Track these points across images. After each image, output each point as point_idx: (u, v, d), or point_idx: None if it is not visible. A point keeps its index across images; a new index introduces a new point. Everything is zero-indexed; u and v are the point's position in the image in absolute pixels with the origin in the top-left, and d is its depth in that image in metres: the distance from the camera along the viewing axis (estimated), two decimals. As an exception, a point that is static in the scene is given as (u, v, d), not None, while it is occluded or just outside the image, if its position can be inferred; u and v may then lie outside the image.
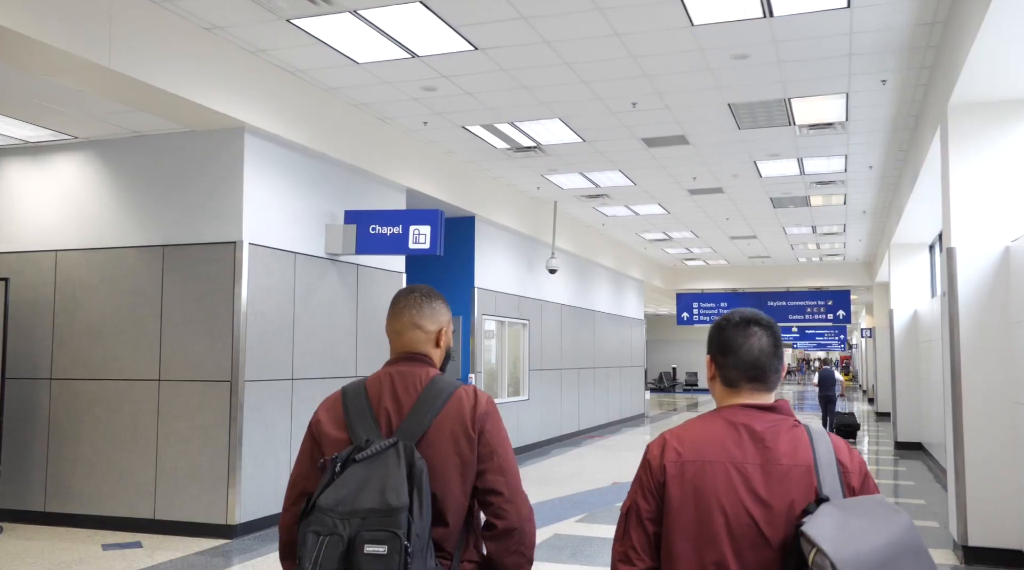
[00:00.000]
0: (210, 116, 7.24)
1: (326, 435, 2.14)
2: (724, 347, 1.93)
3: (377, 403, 2.13)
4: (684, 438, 1.88)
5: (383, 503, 1.87)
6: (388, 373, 2.20)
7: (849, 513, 1.69)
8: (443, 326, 2.31)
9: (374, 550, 1.83)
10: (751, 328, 1.92)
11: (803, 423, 1.87)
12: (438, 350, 2.30)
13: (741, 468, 1.80)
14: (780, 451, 1.81)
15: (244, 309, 7.49)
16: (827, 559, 1.57)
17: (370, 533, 1.84)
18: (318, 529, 1.88)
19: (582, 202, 14.44)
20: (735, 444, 1.83)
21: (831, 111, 9.14)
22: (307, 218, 8.47)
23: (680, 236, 18.40)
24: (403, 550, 1.83)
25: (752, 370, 1.90)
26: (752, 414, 1.87)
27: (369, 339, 9.42)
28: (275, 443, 7.86)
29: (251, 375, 7.54)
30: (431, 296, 2.32)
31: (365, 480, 1.92)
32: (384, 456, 1.96)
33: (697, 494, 1.81)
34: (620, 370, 20.41)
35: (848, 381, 54.78)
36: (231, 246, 7.54)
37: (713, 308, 24.25)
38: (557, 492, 9.95)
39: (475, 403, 2.15)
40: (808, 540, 1.63)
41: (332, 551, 1.84)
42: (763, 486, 1.78)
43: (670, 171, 12.06)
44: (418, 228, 8.54)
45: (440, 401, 2.11)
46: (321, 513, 1.89)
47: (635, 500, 1.89)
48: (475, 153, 11.03)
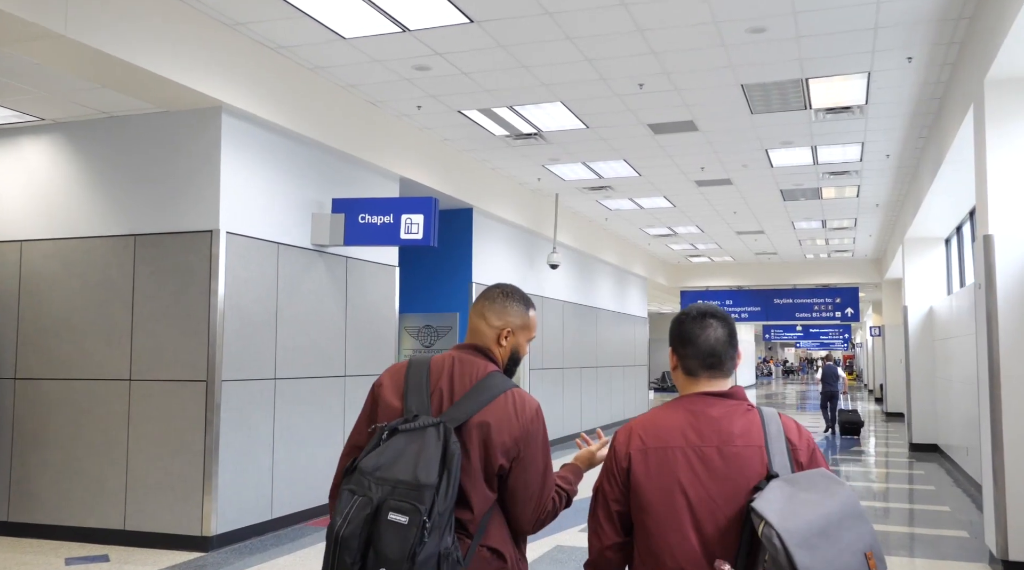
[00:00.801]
0: (183, 94, 6.70)
1: (384, 399, 2.30)
2: (683, 339, 2.12)
3: (435, 381, 2.26)
4: (648, 427, 2.07)
5: (413, 477, 1.99)
6: (452, 356, 2.32)
7: (796, 486, 1.87)
8: (508, 326, 2.40)
9: (396, 518, 1.95)
10: (707, 320, 2.11)
11: (755, 407, 2.05)
12: (501, 348, 2.40)
13: (699, 451, 1.99)
14: (734, 433, 1.99)
15: (221, 303, 6.94)
16: (773, 530, 1.75)
17: (396, 502, 1.97)
18: (354, 488, 2.03)
19: (585, 195, 13.89)
20: (693, 430, 2.00)
21: (850, 93, 8.58)
22: (291, 207, 7.92)
23: (685, 231, 17.85)
24: (421, 524, 1.95)
25: (709, 358, 2.09)
26: (709, 401, 2.05)
27: (359, 336, 8.87)
28: (256, 447, 7.31)
29: (229, 374, 7.00)
30: (509, 295, 2.44)
31: (403, 451, 2.05)
32: (425, 433, 2.08)
33: (661, 476, 1.99)
34: (623, 369, 19.86)
35: (852, 380, 54.35)
36: (207, 235, 6.99)
37: (718, 306, 23.71)
38: (559, 498, 9.40)
39: (522, 408, 2.25)
40: (757, 514, 1.81)
41: (360, 511, 1.98)
42: (720, 466, 1.96)
43: (677, 161, 11.51)
44: (410, 217, 7.98)
45: (488, 397, 2.22)
46: (360, 475, 2.04)
47: (602, 484, 2.10)
48: (472, 141, 10.47)
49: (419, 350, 11.89)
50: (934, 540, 7.57)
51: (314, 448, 8.09)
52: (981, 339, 6.37)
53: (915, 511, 9.17)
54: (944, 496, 9.78)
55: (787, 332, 46.50)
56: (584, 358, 16.86)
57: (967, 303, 9.91)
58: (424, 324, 11.89)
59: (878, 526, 8.34)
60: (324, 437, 8.25)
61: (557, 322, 15.23)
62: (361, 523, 1.98)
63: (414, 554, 1.94)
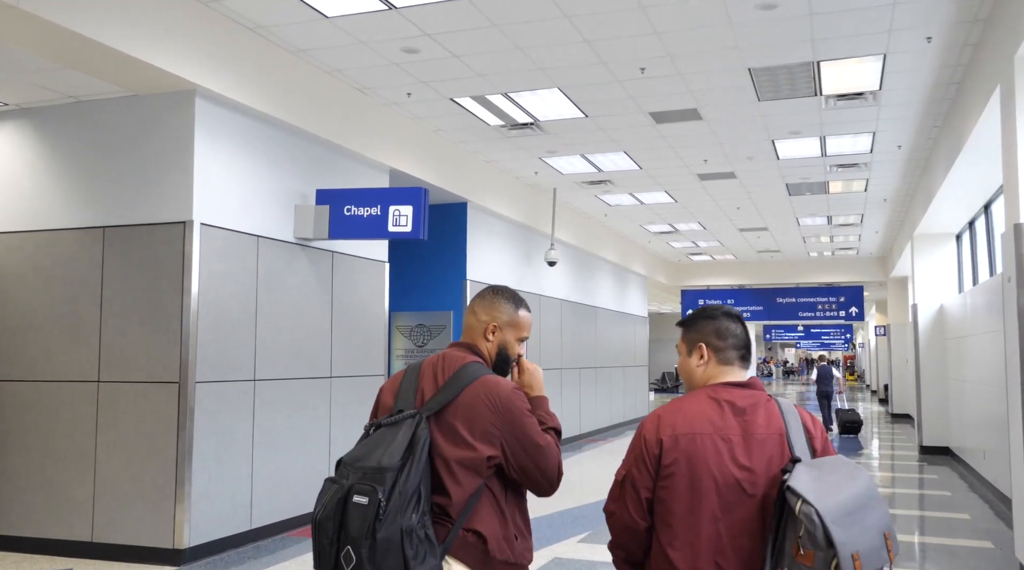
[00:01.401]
0: (155, 76, 6.24)
1: (382, 401, 2.50)
2: (721, 333, 2.25)
3: (423, 379, 2.41)
4: (676, 414, 2.16)
5: (377, 462, 2.15)
6: (441, 355, 2.47)
7: (822, 470, 2.00)
8: (495, 321, 2.51)
9: (358, 500, 2.11)
10: (736, 319, 2.29)
11: (774, 397, 2.18)
12: (488, 343, 2.52)
13: (726, 438, 2.10)
14: (757, 422, 2.11)
15: (195, 300, 6.49)
16: (812, 507, 1.86)
17: (359, 485, 2.12)
18: (334, 478, 2.21)
19: (583, 189, 13.44)
20: (719, 417, 2.12)
21: (864, 77, 8.13)
22: (272, 198, 7.46)
23: (687, 228, 17.40)
24: (378, 503, 2.09)
25: (743, 350, 2.25)
26: (732, 391, 2.17)
27: (346, 335, 8.42)
28: (233, 453, 6.85)
29: (203, 375, 6.54)
30: (499, 293, 2.57)
31: (380, 442, 2.22)
32: (400, 424, 2.25)
33: (690, 461, 2.09)
34: (623, 370, 19.40)
35: (852, 381, 53.92)
36: (180, 227, 6.54)
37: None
38: (556, 505, 8.94)
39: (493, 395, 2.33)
40: (794, 493, 1.91)
41: (333, 497, 2.15)
42: (744, 452, 2.08)
43: (679, 153, 11.06)
44: (399, 209, 7.53)
45: (459, 387, 2.33)
46: (343, 466, 2.21)
47: (630, 470, 2.18)
48: (466, 131, 10.02)
49: (411, 350, 11.45)
50: (956, 551, 7.11)
51: (297, 453, 7.63)
52: (1011, 336, 5.92)
53: (932, 519, 8.71)
54: (962, 503, 9.33)
55: (788, 332, 46.12)
56: (583, 358, 16.41)
57: (985, 300, 9.46)
58: (417, 323, 11.44)
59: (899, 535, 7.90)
60: (308, 442, 7.80)
61: (555, 321, 14.78)
62: (333, 507, 2.14)
63: (373, 531, 2.08)
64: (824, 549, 1.84)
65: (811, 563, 1.85)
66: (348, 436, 8.41)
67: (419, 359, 11.02)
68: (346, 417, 8.39)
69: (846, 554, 1.83)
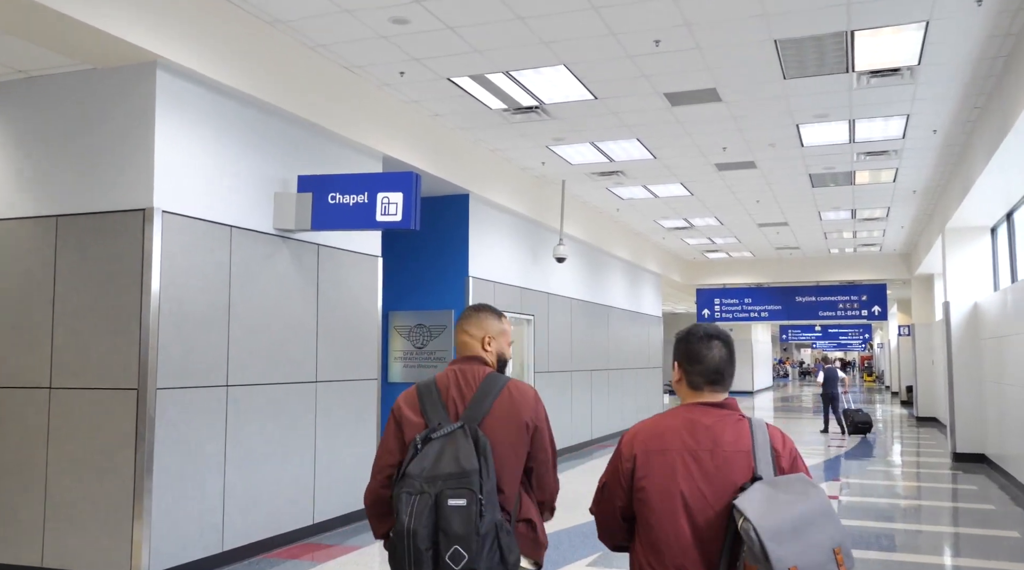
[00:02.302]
0: (111, 47, 5.56)
1: (407, 419, 2.64)
2: (691, 357, 2.37)
3: (446, 394, 2.66)
4: (651, 431, 2.34)
5: (459, 468, 2.39)
6: (453, 371, 2.73)
7: (777, 489, 2.13)
8: (487, 333, 2.83)
9: (456, 503, 2.34)
10: (712, 341, 2.37)
11: (747, 416, 2.33)
12: (488, 353, 2.82)
13: (694, 454, 2.27)
14: (725, 440, 2.27)
15: (155, 296, 5.79)
16: (751, 524, 2.03)
17: (452, 490, 2.36)
18: (409, 490, 2.39)
19: (594, 182, 12.69)
20: (690, 435, 2.29)
21: (902, 50, 7.36)
22: (248, 185, 6.77)
23: (703, 223, 16.62)
24: (478, 502, 2.36)
25: (713, 375, 2.36)
26: (705, 411, 2.33)
27: (334, 336, 7.71)
28: (201, 468, 6.16)
29: (166, 381, 5.84)
30: (481, 309, 2.90)
31: (441, 453, 2.44)
32: (455, 434, 2.49)
33: (661, 476, 2.27)
34: (636, 372, 18.62)
35: (871, 382, 52.90)
36: (138, 215, 5.85)
37: (736, 304, 22.50)
38: (565, 520, 8.21)
39: (525, 397, 2.68)
40: (738, 511, 2.09)
41: (423, 505, 2.35)
42: (711, 467, 2.24)
43: (696, 139, 10.30)
44: (387, 196, 6.82)
45: (494, 394, 2.64)
46: (410, 478, 2.40)
47: (608, 479, 2.40)
48: (467, 117, 9.30)
49: (410, 352, 10.74)
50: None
51: (277, 467, 6.93)
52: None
53: (974, 538, 7.92)
54: (1008, 518, 8.53)
55: (804, 332, 45.20)
56: (594, 360, 15.66)
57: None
58: (416, 323, 10.73)
59: (932, 557, 7.13)
60: (289, 454, 7.09)
61: (564, 320, 14.04)
62: (427, 514, 2.33)
63: (478, 528, 2.34)
64: (763, 562, 2.00)
65: None
66: (336, 446, 7.71)
67: (420, 361, 10.19)
68: (334, 425, 7.69)
69: (782, 568, 1.98)
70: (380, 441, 2.71)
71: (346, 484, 7.87)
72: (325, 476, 7.57)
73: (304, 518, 7.29)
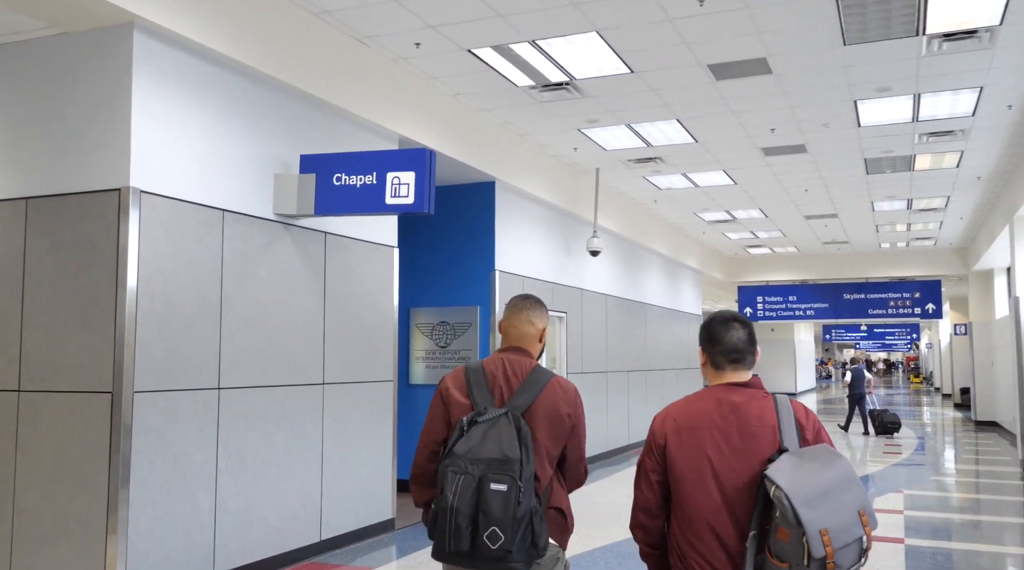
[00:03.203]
0: (80, 4, 4.90)
1: (454, 400, 2.79)
2: (712, 339, 2.57)
3: (492, 380, 2.79)
4: (681, 411, 2.54)
5: (502, 454, 2.56)
6: (501, 358, 2.86)
7: (804, 459, 2.31)
8: (546, 325, 3.00)
9: (498, 487, 2.52)
10: (731, 324, 2.57)
11: (771, 394, 2.50)
12: (539, 345, 2.98)
13: (723, 430, 2.44)
14: (752, 416, 2.44)
15: (133, 287, 5.12)
16: (783, 492, 2.19)
17: (494, 475, 2.53)
18: (455, 469, 2.57)
19: (630, 170, 11.87)
20: (718, 413, 2.47)
21: (982, 7, 6.47)
22: (245, 164, 6.08)
23: (746, 216, 15.71)
24: (518, 488, 2.53)
25: (733, 354, 2.54)
26: (731, 390, 2.50)
27: (344, 333, 7.01)
28: (189, 480, 5.48)
29: (145, 383, 5.17)
30: (539, 301, 3.01)
31: (485, 436, 2.61)
32: (499, 420, 2.64)
33: (691, 450, 2.45)
34: (676, 372, 17.73)
35: (918, 383, 51.24)
36: (113, 196, 5.18)
37: (779, 302, 21.53)
38: (599, 537, 7.43)
39: (567, 393, 2.82)
40: (770, 480, 2.25)
41: (466, 485, 2.54)
42: (739, 442, 2.41)
43: (742, 119, 9.45)
44: (398, 176, 6.09)
45: (539, 386, 2.77)
46: (456, 458, 2.58)
47: (643, 458, 2.58)
48: (492, 96, 8.56)
49: (433, 351, 10.01)
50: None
51: (277, 477, 6.24)
52: None
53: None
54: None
55: (849, 332, 43.85)
56: (631, 360, 14.82)
57: None
58: (439, 320, 10.00)
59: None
60: (292, 463, 6.40)
61: (599, 318, 13.23)
62: (470, 494, 2.53)
63: (515, 513, 2.51)
64: (794, 527, 2.17)
65: (787, 539, 2.19)
66: (347, 454, 7.00)
67: (443, 361, 9.44)
68: (344, 431, 6.98)
69: (813, 531, 2.15)
70: (426, 417, 2.88)
71: (359, 496, 7.17)
72: (334, 487, 6.87)
73: (310, 535, 6.59)
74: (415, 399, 9.96)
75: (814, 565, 2.15)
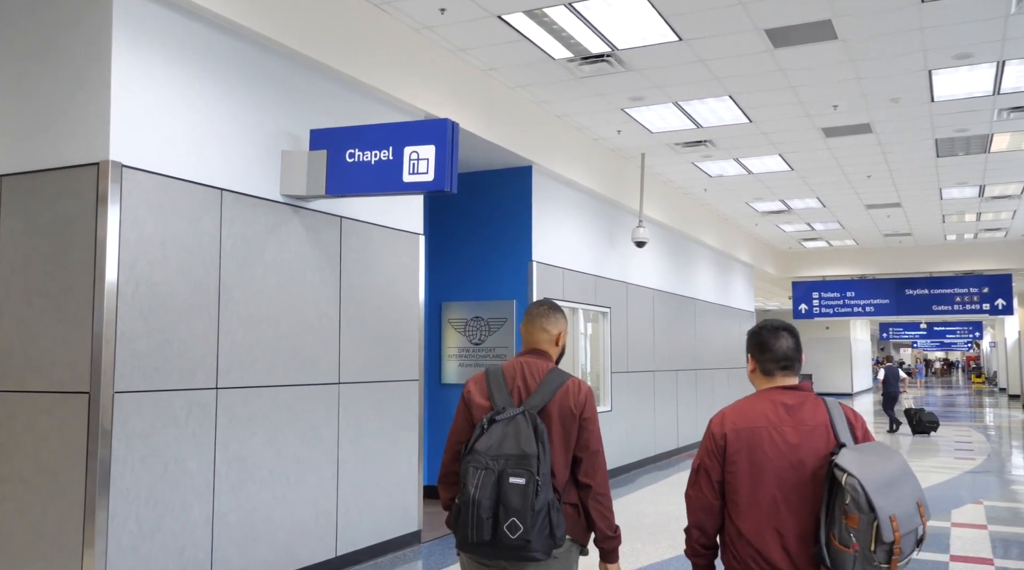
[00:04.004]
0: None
1: (475, 402, 2.99)
2: (762, 347, 2.74)
3: (511, 381, 2.98)
4: (738, 412, 2.70)
5: (520, 450, 2.73)
6: (520, 362, 3.05)
7: (863, 452, 2.46)
8: (561, 330, 3.15)
9: (516, 481, 2.69)
10: (780, 332, 2.74)
11: (820, 396, 2.66)
12: (556, 348, 3.14)
13: (779, 429, 2.60)
14: (805, 416, 2.61)
15: (113, 274, 4.54)
16: (855, 479, 2.32)
17: (512, 470, 2.70)
18: (476, 464, 2.74)
19: (678, 155, 11.09)
20: (773, 413, 2.63)
21: (1089, -52, 5.61)
22: (248, 139, 5.48)
23: (802, 206, 14.78)
24: (535, 482, 2.69)
25: (783, 361, 2.72)
26: (785, 392, 2.68)
27: (362, 329, 6.38)
28: (182, 490, 4.88)
29: (128, 382, 4.58)
30: (554, 308, 3.18)
31: (504, 434, 2.78)
32: (516, 419, 2.81)
33: (750, 449, 2.61)
34: (728, 372, 16.84)
35: (979, 383, 49.34)
36: (91, 171, 4.60)
37: (836, 298, 20.48)
38: (648, 553, 6.70)
39: (579, 392, 2.96)
40: (841, 468, 2.37)
41: (487, 479, 2.71)
42: (795, 439, 2.57)
43: (802, 94, 8.63)
44: (416, 150, 5.43)
45: (554, 387, 2.93)
46: (477, 454, 2.76)
47: (703, 459, 2.70)
48: (527, 71, 7.87)
49: (466, 348, 9.35)
50: None
51: (286, 487, 5.62)
52: None
53: None
54: None
55: (907, 331, 42.28)
56: (680, 359, 14.00)
57: None
58: (472, 315, 9.34)
59: None
60: (304, 470, 5.78)
61: (646, 314, 12.45)
62: (490, 487, 2.69)
63: (533, 505, 2.67)
64: (867, 513, 2.30)
65: (856, 526, 2.31)
66: (367, 461, 6.38)
67: (477, 359, 8.73)
68: (363, 436, 6.36)
69: (884, 517, 2.28)
70: (452, 422, 3.06)
71: (380, 506, 6.54)
72: (352, 497, 6.24)
73: (324, 550, 5.97)
74: (448, 399, 9.32)
75: (881, 549, 2.30)
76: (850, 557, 2.33)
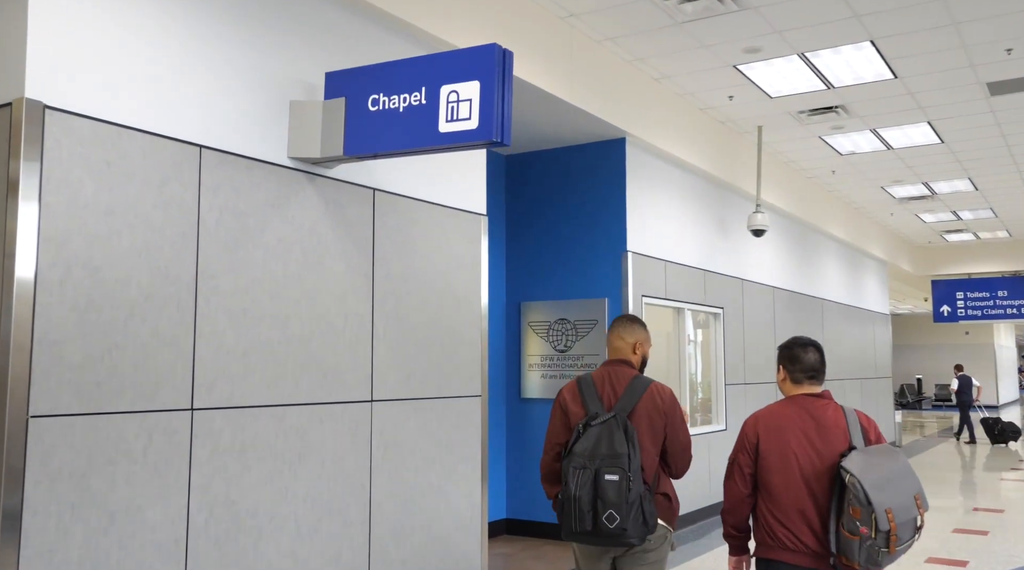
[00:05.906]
0: None
1: (570, 408, 3.43)
2: (792, 360, 3.33)
3: (601, 389, 3.42)
4: (769, 415, 3.26)
5: (613, 451, 3.16)
6: (606, 371, 3.50)
7: (870, 454, 3.02)
8: (637, 340, 3.60)
9: (611, 478, 3.12)
10: (808, 347, 3.33)
11: (840, 404, 3.24)
12: (636, 356, 3.59)
13: (804, 430, 3.16)
14: (827, 420, 3.16)
15: (31, 255, 3.31)
16: (856, 478, 2.90)
17: (607, 468, 3.13)
18: (575, 465, 3.19)
19: (802, 126, 9.34)
20: (799, 417, 3.19)
21: None
22: (242, 84, 4.20)
23: (949, 190, 12.68)
24: (627, 478, 3.12)
25: (810, 371, 3.30)
26: (809, 400, 3.24)
27: (403, 333, 5.02)
28: (136, 550, 3.60)
29: (52, 403, 3.34)
30: (633, 320, 3.68)
31: (599, 437, 3.21)
32: (609, 423, 3.23)
33: (779, 446, 3.16)
34: (861, 383, 14.77)
35: None
36: (4, 112, 3.40)
37: (986, 299, 18.02)
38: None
39: (662, 393, 3.43)
40: (844, 470, 2.95)
41: (585, 478, 3.15)
42: (818, 439, 3.13)
43: (964, 33, 6.82)
44: (455, 89, 4.02)
45: (639, 392, 3.37)
46: (575, 456, 3.20)
47: (737, 454, 3.27)
48: (618, 17, 6.39)
49: (551, 357, 7.89)
50: None
51: (295, 537, 4.29)
52: None
53: None
54: None
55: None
56: (806, 368, 12.08)
57: None
58: (556, 318, 7.88)
59: None
60: (321, 514, 4.44)
61: (765, 316, 10.69)
62: (589, 485, 3.13)
63: (627, 498, 3.11)
64: (865, 506, 2.87)
65: (859, 516, 2.88)
66: (408, 499, 5.01)
67: (563, 370, 7.23)
68: (404, 467, 4.99)
69: (880, 510, 2.86)
70: (549, 424, 3.51)
71: (430, 556, 5.15)
72: (391, 548, 4.88)
73: (351, 616, 4.61)
74: (531, 416, 7.89)
75: (880, 537, 2.87)
76: (855, 542, 2.91)
